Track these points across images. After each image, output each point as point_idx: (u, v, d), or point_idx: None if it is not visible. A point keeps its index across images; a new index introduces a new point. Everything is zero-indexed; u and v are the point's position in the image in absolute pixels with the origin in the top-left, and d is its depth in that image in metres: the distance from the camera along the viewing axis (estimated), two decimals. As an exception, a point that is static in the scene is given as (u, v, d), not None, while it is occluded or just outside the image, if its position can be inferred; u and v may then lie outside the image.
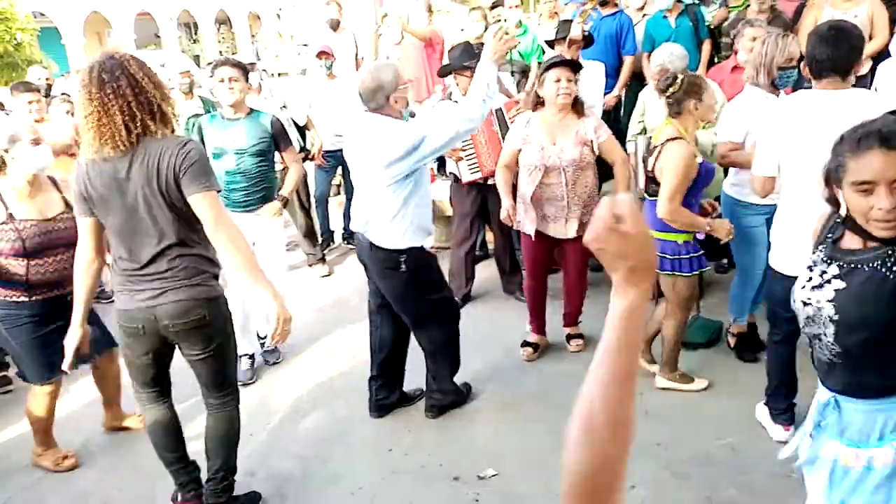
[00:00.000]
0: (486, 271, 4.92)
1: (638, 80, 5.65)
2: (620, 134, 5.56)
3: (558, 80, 3.44)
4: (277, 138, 3.87)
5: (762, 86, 3.26)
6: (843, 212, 1.63)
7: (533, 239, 3.70)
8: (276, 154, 3.94)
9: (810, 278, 1.69)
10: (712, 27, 5.66)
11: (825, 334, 1.65)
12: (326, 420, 3.50)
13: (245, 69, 3.88)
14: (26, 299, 2.98)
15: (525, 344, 3.94)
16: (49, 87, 6.34)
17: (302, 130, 5.30)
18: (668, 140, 3.08)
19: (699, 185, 3.18)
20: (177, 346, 2.59)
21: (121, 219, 2.37)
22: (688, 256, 3.22)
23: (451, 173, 4.55)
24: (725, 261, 4.71)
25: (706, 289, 4.34)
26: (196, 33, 30.94)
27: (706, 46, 5.55)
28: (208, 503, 2.74)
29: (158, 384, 2.72)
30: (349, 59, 6.39)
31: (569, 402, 0.88)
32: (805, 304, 1.69)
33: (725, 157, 3.37)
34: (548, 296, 3.96)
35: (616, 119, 5.81)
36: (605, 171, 3.73)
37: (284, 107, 5.43)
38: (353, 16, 7.39)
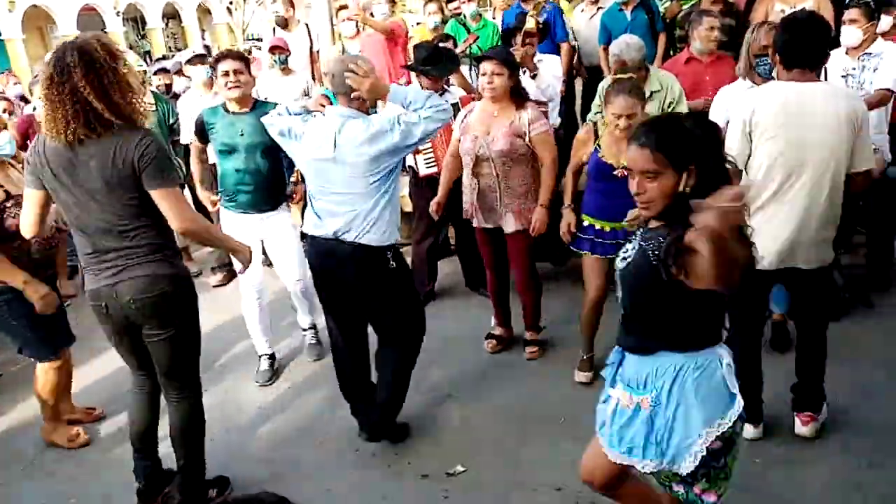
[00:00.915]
0: (450, 267, 4.90)
1: (598, 72, 5.69)
2: (574, 122, 5.63)
3: (484, 74, 3.45)
4: None
5: (745, 75, 3.37)
6: None
7: (479, 230, 3.73)
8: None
9: (625, 250, 1.95)
10: (667, 20, 5.73)
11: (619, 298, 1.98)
12: (292, 422, 3.44)
13: (247, 60, 3.68)
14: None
15: (489, 336, 3.94)
16: (-14, 85, 6.09)
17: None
18: None
19: (593, 174, 3.31)
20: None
21: (73, 201, 2.40)
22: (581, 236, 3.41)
23: (409, 168, 4.51)
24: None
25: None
26: (143, 28, 30.10)
27: (662, 39, 5.62)
28: (178, 494, 2.76)
29: (139, 369, 2.73)
30: (304, 54, 6.27)
31: (535, 395, 0.87)
32: (615, 270, 1.98)
33: None
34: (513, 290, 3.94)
35: (568, 109, 5.86)
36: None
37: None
38: (306, 9, 7.26)
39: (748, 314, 2.91)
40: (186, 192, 4.33)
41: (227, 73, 3.50)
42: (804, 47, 2.61)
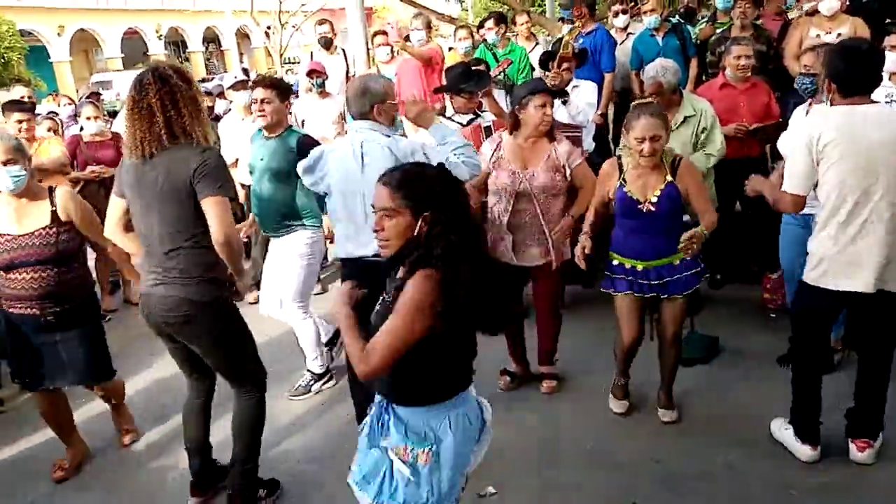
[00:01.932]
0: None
1: (629, 96, 5.71)
2: (610, 151, 5.61)
3: (543, 106, 3.38)
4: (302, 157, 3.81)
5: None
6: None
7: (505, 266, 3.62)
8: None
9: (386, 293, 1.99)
10: (697, 42, 5.74)
11: None
12: (321, 440, 3.47)
13: (280, 88, 3.74)
14: (6, 309, 3.07)
15: (504, 372, 3.78)
16: (33, 105, 6.31)
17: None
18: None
19: (619, 210, 3.11)
20: None
21: (139, 212, 2.62)
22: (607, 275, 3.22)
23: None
24: (719, 276, 4.74)
25: (702, 304, 4.36)
26: (184, 51, 30.99)
27: (694, 63, 5.62)
28: (230, 487, 2.90)
29: (193, 370, 2.88)
30: (340, 78, 6.41)
31: (560, 420, 0.88)
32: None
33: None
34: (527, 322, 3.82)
35: (605, 136, 5.86)
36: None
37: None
38: (342, 33, 7.42)
39: (813, 335, 2.89)
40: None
41: (255, 101, 3.64)
42: (863, 76, 2.62)
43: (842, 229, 2.66)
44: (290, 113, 4.54)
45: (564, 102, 4.46)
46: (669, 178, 3.01)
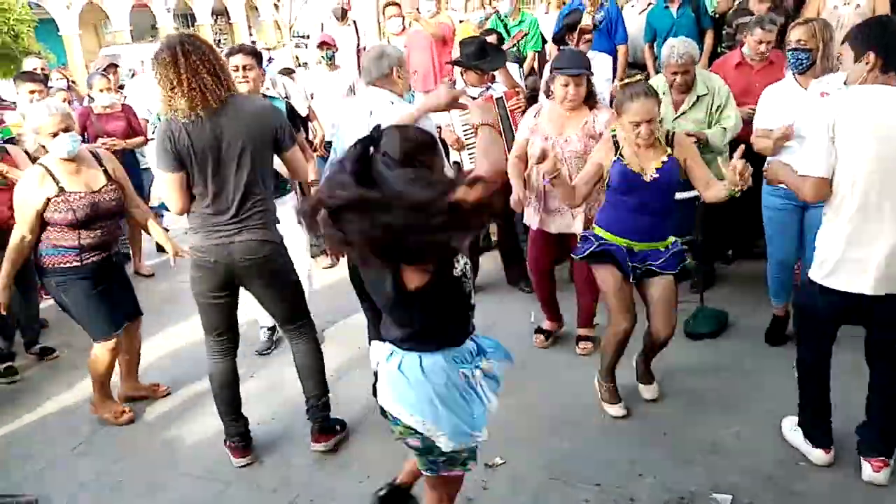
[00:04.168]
0: (490, 262, 4.92)
1: (642, 69, 5.63)
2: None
3: (566, 86, 3.40)
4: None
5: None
6: None
7: (538, 232, 3.71)
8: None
9: None
10: (716, 16, 5.64)
11: None
12: (341, 410, 3.48)
13: (259, 56, 3.85)
14: (78, 263, 3.23)
15: (538, 331, 3.93)
16: (46, 77, 6.28)
17: (304, 121, 5.29)
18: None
19: (617, 186, 2.97)
20: (243, 287, 2.93)
21: (213, 170, 2.68)
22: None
23: (454, 163, 4.54)
24: (730, 252, 4.71)
25: (713, 280, 4.36)
26: (193, 24, 30.77)
27: (708, 37, 5.53)
28: (313, 423, 3.12)
29: (225, 332, 2.99)
30: (351, 50, 6.37)
31: (571, 391, 0.88)
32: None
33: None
34: (559, 283, 3.97)
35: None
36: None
37: (287, 97, 5.39)
38: (356, 6, 7.37)
39: (820, 337, 2.69)
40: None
41: (236, 68, 3.63)
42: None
43: (850, 223, 2.42)
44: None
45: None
46: (669, 151, 2.94)
